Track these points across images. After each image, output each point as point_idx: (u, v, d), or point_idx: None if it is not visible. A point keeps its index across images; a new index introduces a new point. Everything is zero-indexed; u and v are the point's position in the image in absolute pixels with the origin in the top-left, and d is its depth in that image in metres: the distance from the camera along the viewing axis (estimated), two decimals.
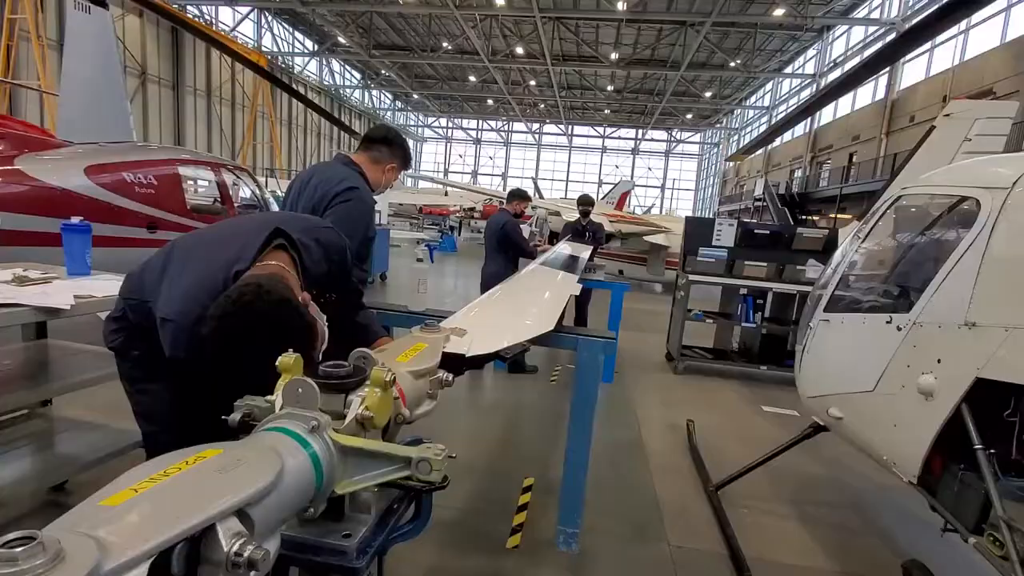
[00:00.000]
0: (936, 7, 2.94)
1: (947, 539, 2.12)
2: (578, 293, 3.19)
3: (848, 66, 24.39)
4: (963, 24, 18.19)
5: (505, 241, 5.28)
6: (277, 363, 0.98)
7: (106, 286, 2.05)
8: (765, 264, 5.94)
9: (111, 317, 1.53)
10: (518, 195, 5.72)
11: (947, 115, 5.73)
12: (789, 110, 30.53)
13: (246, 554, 0.62)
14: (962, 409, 1.91)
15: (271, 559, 0.68)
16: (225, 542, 0.61)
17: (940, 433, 1.98)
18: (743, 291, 5.99)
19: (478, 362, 1.60)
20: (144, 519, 0.57)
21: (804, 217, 26.02)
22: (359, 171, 2.25)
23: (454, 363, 1.49)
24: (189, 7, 24.42)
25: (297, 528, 0.93)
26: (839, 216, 22.07)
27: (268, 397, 0.98)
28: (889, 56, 4.09)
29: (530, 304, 2.58)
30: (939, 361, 2.01)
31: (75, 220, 2.36)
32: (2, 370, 2.13)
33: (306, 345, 1.14)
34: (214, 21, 26.13)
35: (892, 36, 19.19)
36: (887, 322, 2.27)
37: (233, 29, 26.92)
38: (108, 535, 0.53)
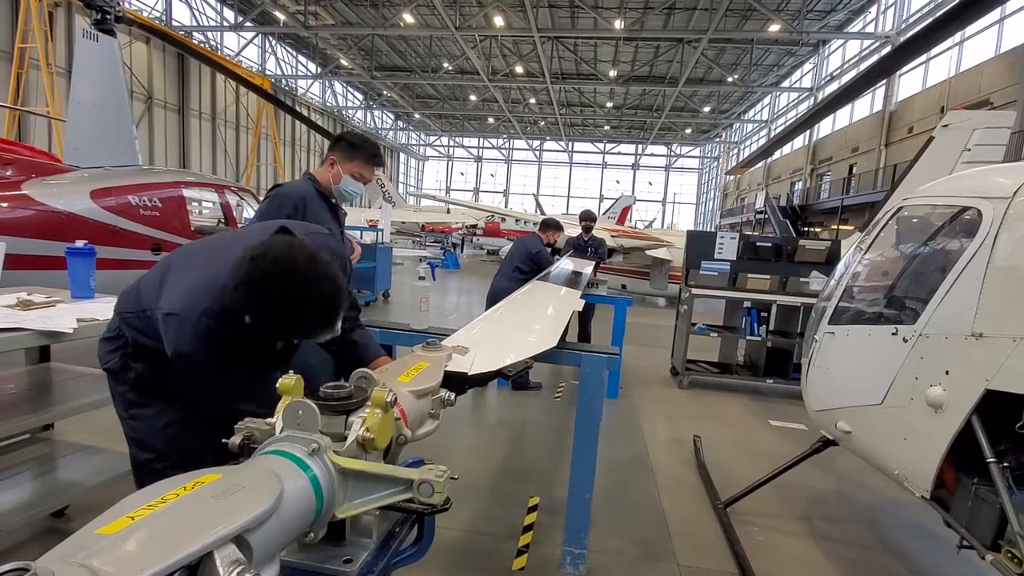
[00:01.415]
0: (931, 20, 2.97)
1: (964, 556, 2.08)
2: (581, 309, 3.18)
3: (844, 79, 24.62)
4: (958, 35, 18.37)
5: (533, 267, 5.29)
6: (278, 385, 0.98)
7: (109, 309, 2.05)
8: (768, 276, 5.93)
9: (105, 338, 1.52)
10: (552, 225, 5.75)
11: (945, 126, 5.74)
12: (788, 123, 30.75)
13: None
14: (973, 421, 1.88)
15: None
16: (222, 570, 0.60)
17: (952, 446, 1.95)
18: (747, 304, 5.97)
19: (481, 380, 1.59)
20: (140, 548, 0.56)
21: (806, 229, 26.06)
22: (309, 177, 2.42)
23: (456, 382, 1.48)
24: (195, 34, 24.89)
25: (297, 553, 0.92)
26: (841, 227, 22.08)
27: (268, 420, 0.98)
28: (886, 68, 4.12)
29: (533, 321, 2.57)
30: (947, 373, 1.99)
31: (79, 244, 2.38)
32: (4, 394, 2.13)
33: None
34: (219, 47, 26.60)
35: (888, 49, 19.39)
36: (893, 334, 2.25)
37: (238, 54, 27.39)
38: (103, 565, 0.52)
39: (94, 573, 0.50)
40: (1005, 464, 1.82)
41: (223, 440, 0.96)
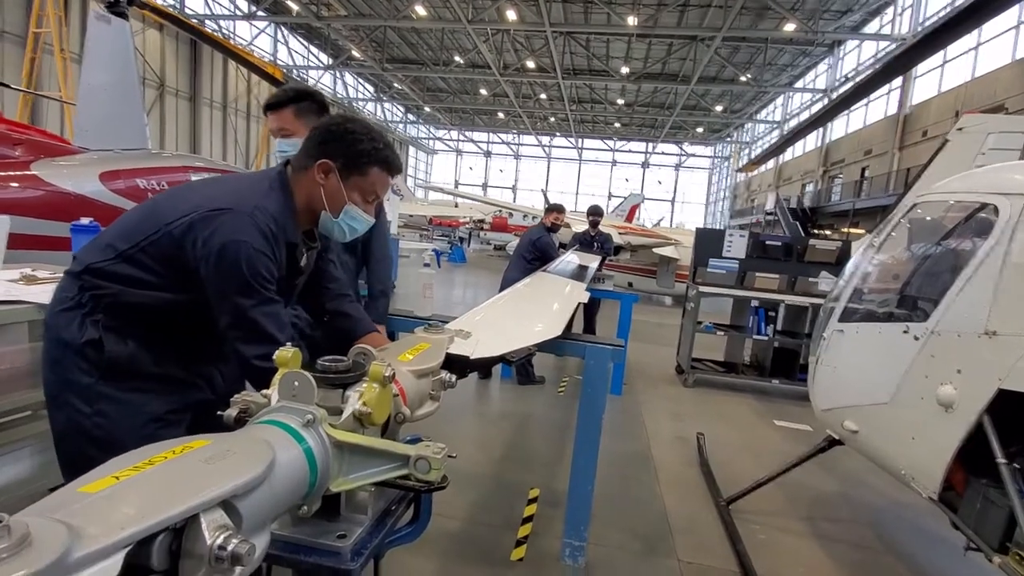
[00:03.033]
0: (947, 16, 2.92)
1: (970, 558, 2.04)
2: (586, 301, 3.16)
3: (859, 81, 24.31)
4: (975, 40, 18.13)
5: (537, 254, 5.37)
6: (275, 356, 0.96)
7: None
8: (777, 276, 5.87)
9: (61, 310, 1.32)
10: (553, 208, 5.88)
11: (960, 129, 5.66)
12: (801, 120, 30.45)
13: (230, 548, 0.58)
14: (984, 421, 1.84)
15: (257, 555, 0.65)
16: (208, 534, 0.58)
17: (961, 447, 1.91)
18: (754, 303, 5.91)
19: (483, 364, 1.57)
20: (122, 507, 0.54)
21: (816, 232, 25.84)
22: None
23: (458, 364, 1.45)
24: (208, 22, 24.94)
25: (291, 527, 0.90)
26: (852, 231, 21.89)
27: (265, 392, 0.96)
28: (903, 64, 4.05)
29: (537, 309, 2.55)
30: (959, 371, 1.95)
31: (84, 221, 2.37)
32: (6, 370, 2.13)
33: None
34: (232, 35, 26.65)
35: (906, 45, 19.16)
36: (904, 332, 2.21)
37: (250, 43, 27.41)
38: (83, 522, 0.50)
39: (72, 530, 0.48)
40: (1016, 465, 1.78)
41: (218, 412, 0.94)
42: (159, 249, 1.30)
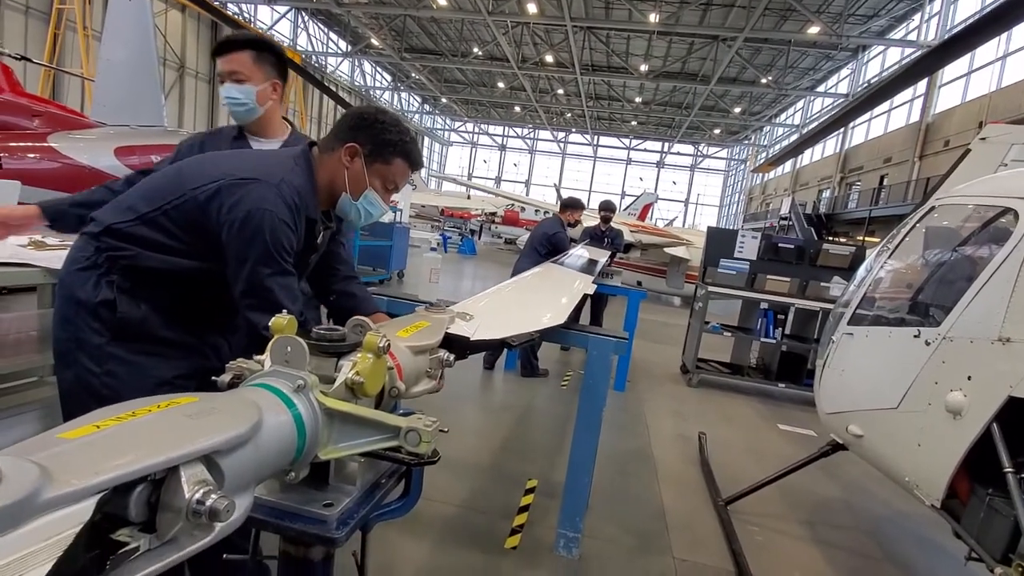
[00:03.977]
0: (974, 21, 2.85)
1: (971, 569, 2.00)
2: (592, 292, 3.14)
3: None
4: (1001, 50, 17.77)
5: (551, 248, 5.29)
6: (271, 323, 0.95)
7: None
8: (788, 279, 5.80)
9: (76, 269, 1.32)
10: (571, 205, 5.70)
11: (983, 139, 5.54)
12: (821, 121, 30.03)
13: (208, 503, 0.57)
14: (992, 429, 1.80)
15: (237, 514, 0.64)
16: (187, 488, 0.57)
17: (967, 454, 1.87)
18: (764, 305, 5.85)
19: (483, 347, 1.56)
20: (100, 454, 0.53)
21: (831, 238, 25.56)
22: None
23: (458, 345, 1.44)
24: (230, 5, 25.04)
25: (278, 493, 0.89)
26: (867, 239, 21.61)
27: (259, 357, 0.95)
28: (927, 67, 3.96)
29: (542, 298, 2.53)
30: (969, 378, 1.91)
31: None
32: (13, 334, 2.15)
33: None
34: (253, 19, 26.74)
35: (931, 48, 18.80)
36: (915, 336, 2.16)
37: (270, 27, 27.52)
38: (57, 465, 0.49)
39: (45, 472, 0.47)
40: (1023, 475, 1.74)
41: (212, 378, 0.94)
42: (182, 213, 1.32)
